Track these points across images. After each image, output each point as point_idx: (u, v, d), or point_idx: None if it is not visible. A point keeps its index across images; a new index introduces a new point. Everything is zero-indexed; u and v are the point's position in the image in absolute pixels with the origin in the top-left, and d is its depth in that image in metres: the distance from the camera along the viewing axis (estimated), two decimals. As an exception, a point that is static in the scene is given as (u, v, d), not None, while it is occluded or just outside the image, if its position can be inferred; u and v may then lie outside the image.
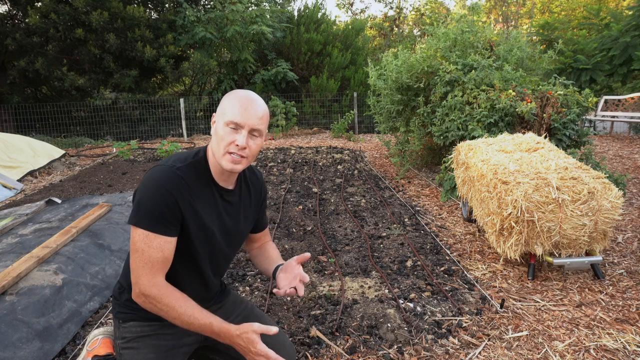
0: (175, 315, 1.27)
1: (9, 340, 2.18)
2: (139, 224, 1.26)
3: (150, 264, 1.26)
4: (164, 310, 1.27)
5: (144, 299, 1.28)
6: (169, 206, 1.27)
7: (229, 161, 1.31)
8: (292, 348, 1.67)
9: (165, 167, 1.30)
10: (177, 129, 12.05)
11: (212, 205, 1.39)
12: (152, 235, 1.26)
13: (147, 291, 1.27)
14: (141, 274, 1.26)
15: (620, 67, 10.08)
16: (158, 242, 1.27)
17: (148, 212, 1.25)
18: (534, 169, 3.02)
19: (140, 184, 1.31)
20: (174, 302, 1.27)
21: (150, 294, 1.27)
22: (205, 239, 1.38)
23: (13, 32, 10.26)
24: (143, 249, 1.26)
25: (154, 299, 1.27)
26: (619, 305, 2.65)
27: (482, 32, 6.19)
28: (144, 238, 1.26)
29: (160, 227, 1.26)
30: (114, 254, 3.29)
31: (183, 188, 1.30)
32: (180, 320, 1.28)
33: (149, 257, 1.26)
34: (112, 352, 1.61)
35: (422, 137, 5.92)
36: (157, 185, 1.27)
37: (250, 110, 1.30)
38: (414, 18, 22.24)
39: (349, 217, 4.39)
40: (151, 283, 1.27)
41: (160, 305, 1.27)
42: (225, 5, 11.68)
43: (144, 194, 1.27)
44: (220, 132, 1.31)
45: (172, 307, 1.27)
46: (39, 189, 6.00)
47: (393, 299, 2.70)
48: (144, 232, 1.26)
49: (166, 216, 1.27)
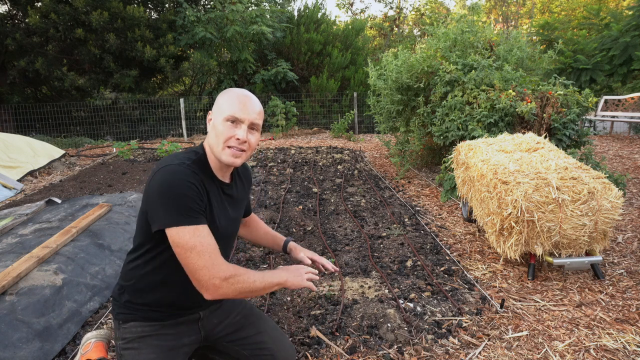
0: (251, 287, 1.31)
1: (9, 340, 2.18)
2: (181, 222, 1.25)
3: (215, 251, 1.28)
4: (245, 279, 1.30)
5: (227, 283, 1.28)
6: (195, 198, 1.28)
7: (229, 155, 1.34)
8: (292, 348, 1.67)
9: (176, 165, 1.31)
10: (177, 129, 12.05)
11: (218, 199, 1.42)
12: (200, 227, 1.28)
13: (228, 273, 1.28)
14: (212, 263, 1.26)
15: (620, 67, 10.08)
16: (207, 231, 1.29)
17: (184, 208, 1.25)
18: (534, 169, 3.02)
19: (153, 186, 1.29)
20: (244, 269, 1.32)
21: (231, 273, 1.28)
22: (214, 229, 1.39)
23: (13, 32, 10.26)
24: (201, 242, 1.26)
25: (235, 276, 1.28)
26: (619, 305, 2.65)
27: (482, 32, 6.18)
28: (194, 232, 1.26)
29: (200, 217, 1.29)
30: (114, 254, 3.29)
31: (199, 182, 1.32)
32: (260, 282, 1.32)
33: (209, 246, 1.27)
34: (105, 355, 1.60)
35: (422, 137, 5.92)
36: (180, 182, 1.27)
37: (248, 106, 1.35)
38: (414, 18, 22.24)
39: (349, 217, 4.39)
40: (226, 264, 1.29)
41: (241, 278, 1.30)
42: (225, 5, 11.68)
43: (168, 194, 1.26)
44: (220, 127, 1.33)
45: (247, 272, 1.31)
46: (39, 189, 6.00)
47: (393, 299, 2.70)
48: (190, 228, 1.26)
49: (200, 206, 1.29)
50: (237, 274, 1.29)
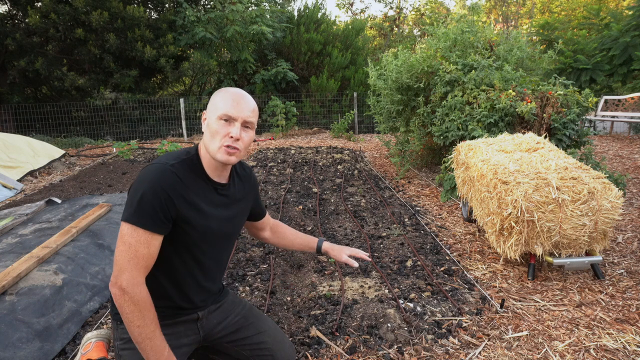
0: (140, 324, 1.25)
1: (9, 340, 2.18)
2: (130, 219, 1.27)
3: (136, 259, 1.27)
4: (132, 313, 1.25)
5: (121, 293, 1.25)
6: (161, 203, 1.28)
7: (224, 153, 1.34)
8: (292, 348, 1.67)
9: (159, 165, 1.32)
10: (177, 129, 12.05)
11: (208, 200, 1.41)
12: (141, 230, 1.27)
13: (129, 288, 1.25)
14: (126, 268, 1.26)
15: (620, 67, 10.08)
16: (145, 238, 1.28)
17: (140, 208, 1.27)
18: (534, 169, 3.02)
19: (134, 181, 1.32)
20: (146, 312, 1.26)
21: (131, 292, 1.25)
22: (202, 231, 1.40)
23: (13, 32, 10.25)
24: (130, 242, 1.27)
25: (130, 299, 1.25)
26: (619, 305, 2.65)
27: (482, 32, 6.18)
28: (132, 232, 1.27)
29: (150, 223, 1.27)
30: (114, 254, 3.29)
31: (177, 184, 1.31)
32: (140, 331, 1.26)
33: (135, 251, 1.27)
34: (106, 355, 1.60)
35: (422, 137, 5.92)
36: (151, 183, 1.28)
37: (242, 104, 1.35)
38: (414, 18, 22.24)
39: (349, 217, 4.39)
40: (135, 281, 1.26)
41: (132, 307, 1.25)
42: (225, 5, 11.68)
43: (137, 191, 1.28)
44: (214, 125, 1.34)
45: (142, 315, 1.25)
46: (39, 189, 6.00)
47: (393, 299, 2.70)
48: (132, 227, 1.27)
49: (157, 213, 1.28)
50: (134, 301, 1.25)
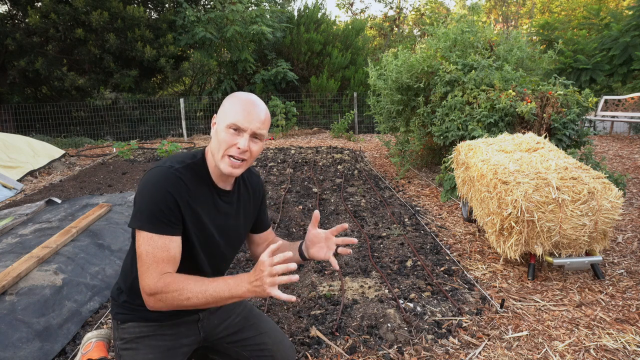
0: (191, 295, 1.20)
1: (9, 340, 2.18)
2: (142, 227, 1.25)
3: (156, 264, 1.24)
4: (175, 297, 1.21)
5: (153, 299, 1.23)
6: (169, 206, 1.26)
7: (228, 165, 1.30)
8: (291, 348, 1.67)
9: (163, 169, 1.30)
10: (177, 129, 12.05)
11: (211, 206, 1.38)
12: (156, 236, 1.25)
13: (153, 288, 1.22)
14: (147, 275, 1.23)
15: (620, 67, 10.08)
16: (162, 242, 1.25)
17: (149, 214, 1.24)
18: (534, 169, 3.02)
19: (138, 186, 1.30)
20: (181, 284, 1.21)
21: (157, 289, 1.22)
22: (204, 239, 1.38)
23: (13, 32, 10.25)
24: (147, 250, 1.24)
25: (161, 292, 1.22)
26: (619, 305, 2.64)
27: (482, 32, 6.18)
28: (148, 240, 1.24)
29: (163, 227, 1.25)
30: (114, 254, 3.29)
31: (181, 188, 1.29)
32: (197, 298, 1.20)
33: (153, 257, 1.24)
34: (106, 355, 1.60)
35: (422, 137, 5.92)
36: (157, 187, 1.26)
37: (252, 114, 1.30)
38: (414, 18, 22.24)
39: (349, 217, 4.39)
40: (156, 279, 1.23)
41: (170, 295, 1.21)
42: (225, 5, 11.68)
43: (144, 196, 1.26)
44: (222, 134, 1.29)
45: (182, 288, 1.21)
46: (39, 189, 6.00)
47: (393, 299, 2.70)
48: (147, 235, 1.24)
49: (167, 216, 1.26)
50: (164, 291, 1.21)
